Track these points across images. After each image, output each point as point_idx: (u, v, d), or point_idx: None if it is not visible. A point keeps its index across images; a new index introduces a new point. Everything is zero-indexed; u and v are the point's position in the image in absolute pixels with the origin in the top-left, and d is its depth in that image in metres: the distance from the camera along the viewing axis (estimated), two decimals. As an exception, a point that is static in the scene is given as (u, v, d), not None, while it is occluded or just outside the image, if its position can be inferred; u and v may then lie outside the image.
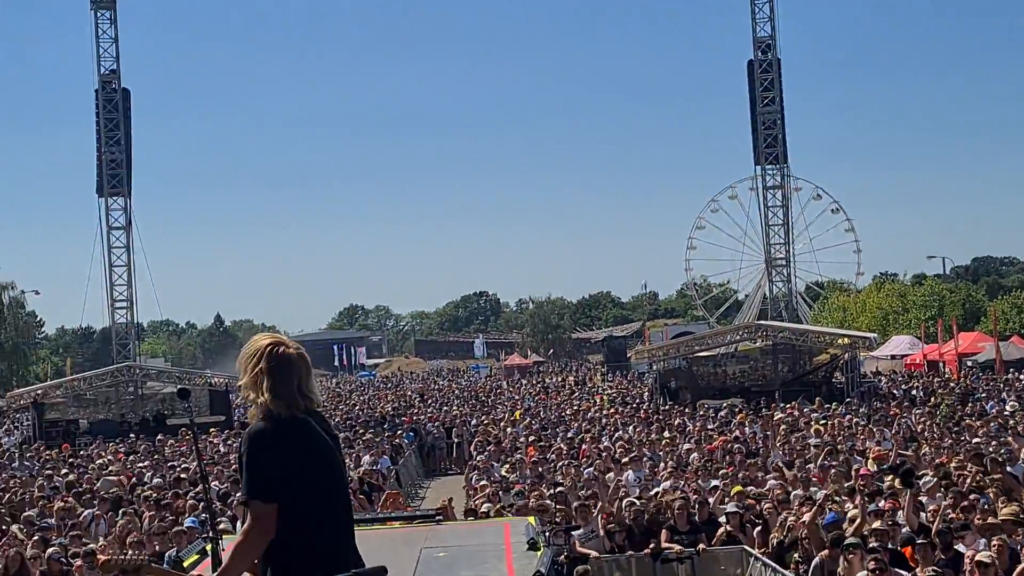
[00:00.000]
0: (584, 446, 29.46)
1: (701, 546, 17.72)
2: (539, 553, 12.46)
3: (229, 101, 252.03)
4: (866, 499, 16.73)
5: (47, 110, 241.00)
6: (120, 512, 21.61)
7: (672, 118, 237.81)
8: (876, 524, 15.46)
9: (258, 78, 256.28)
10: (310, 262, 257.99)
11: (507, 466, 26.30)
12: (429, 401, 57.73)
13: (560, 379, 77.04)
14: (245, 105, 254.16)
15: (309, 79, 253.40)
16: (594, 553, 17.62)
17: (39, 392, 51.94)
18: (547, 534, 14.36)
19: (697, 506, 18.93)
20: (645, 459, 24.98)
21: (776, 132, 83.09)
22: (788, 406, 36.65)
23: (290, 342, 5.82)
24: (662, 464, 24.62)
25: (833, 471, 20.83)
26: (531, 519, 15.67)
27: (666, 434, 30.70)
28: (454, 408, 49.54)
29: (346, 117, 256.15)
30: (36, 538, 18.61)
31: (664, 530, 18.08)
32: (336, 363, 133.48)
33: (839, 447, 24.79)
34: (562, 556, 12.93)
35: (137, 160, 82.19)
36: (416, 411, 49.04)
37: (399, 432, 39.52)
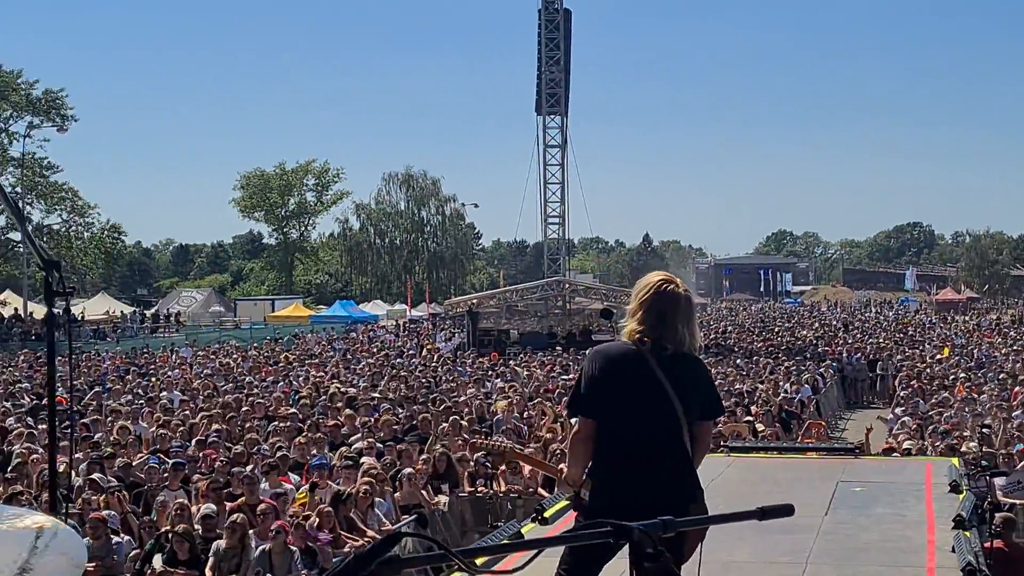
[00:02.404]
0: (1017, 388, 28.08)
1: None
2: (961, 496, 12.07)
3: (662, 24, 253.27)
4: None
5: (492, 31, 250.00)
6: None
7: None
8: None
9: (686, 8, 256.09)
10: (740, 185, 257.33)
11: (932, 403, 25.46)
12: (853, 332, 56.47)
13: (995, 317, 73.62)
14: (678, 28, 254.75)
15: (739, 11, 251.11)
16: (1020, 503, 16.84)
17: (474, 301, 54.30)
18: (970, 477, 13.86)
19: None
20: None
21: None
22: None
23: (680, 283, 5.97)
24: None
25: None
26: (954, 460, 15.19)
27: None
28: (880, 341, 48.27)
29: (779, 43, 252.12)
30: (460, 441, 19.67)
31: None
32: (761, 288, 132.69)
33: None
34: (986, 502, 12.41)
35: (575, 79, 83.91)
36: (839, 342, 48.15)
37: (823, 362, 38.95)
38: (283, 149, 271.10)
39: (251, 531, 13.02)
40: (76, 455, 18.65)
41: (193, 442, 19.72)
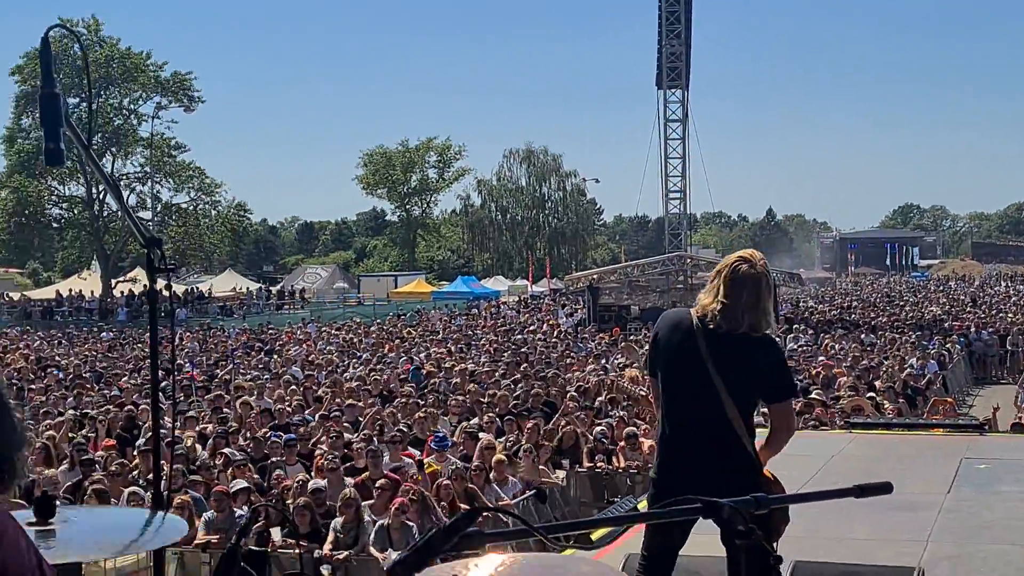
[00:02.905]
0: None
1: None
2: (1090, 474, 11.80)
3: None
4: None
5: (612, 5, 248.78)
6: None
7: None
8: None
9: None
10: (865, 158, 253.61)
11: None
12: (982, 307, 55.30)
13: None
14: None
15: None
16: None
17: (595, 277, 54.18)
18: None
19: None
20: None
21: None
22: None
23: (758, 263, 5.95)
24: None
25: None
26: (1084, 437, 14.83)
27: None
28: (1009, 315, 47.22)
29: (907, 13, 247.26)
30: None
31: None
32: (887, 262, 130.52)
33: None
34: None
35: (696, 53, 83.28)
36: (968, 316, 47.21)
37: (949, 337, 38.23)
38: (405, 127, 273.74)
39: (365, 504, 13.20)
40: (200, 429, 19.08)
41: (316, 417, 20.04)
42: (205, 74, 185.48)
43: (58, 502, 3.24)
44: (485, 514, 10.68)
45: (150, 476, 14.67)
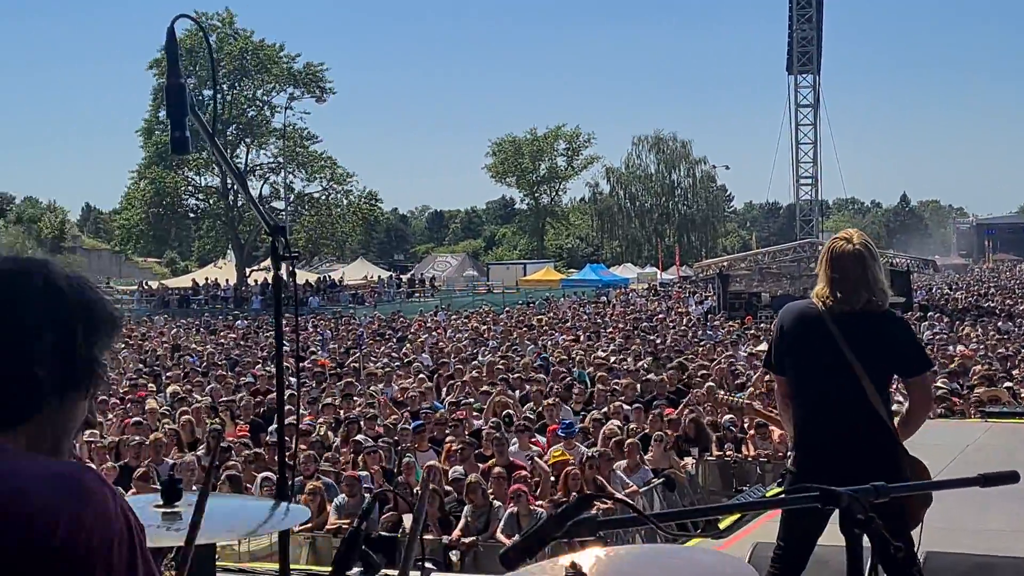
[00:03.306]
0: None
1: None
2: None
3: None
4: None
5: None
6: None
7: None
8: None
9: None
10: (1003, 142, 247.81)
11: None
12: None
13: None
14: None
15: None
16: None
17: (725, 264, 53.78)
18: None
19: None
20: None
21: None
22: None
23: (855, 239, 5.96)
24: None
25: None
26: None
27: None
28: None
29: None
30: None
31: None
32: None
33: None
34: None
35: (827, 37, 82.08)
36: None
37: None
38: (534, 115, 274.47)
39: (490, 491, 13.29)
40: (335, 416, 19.35)
41: (446, 404, 20.20)
42: (336, 64, 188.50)
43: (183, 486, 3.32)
44: (611, 503, 10.67)
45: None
